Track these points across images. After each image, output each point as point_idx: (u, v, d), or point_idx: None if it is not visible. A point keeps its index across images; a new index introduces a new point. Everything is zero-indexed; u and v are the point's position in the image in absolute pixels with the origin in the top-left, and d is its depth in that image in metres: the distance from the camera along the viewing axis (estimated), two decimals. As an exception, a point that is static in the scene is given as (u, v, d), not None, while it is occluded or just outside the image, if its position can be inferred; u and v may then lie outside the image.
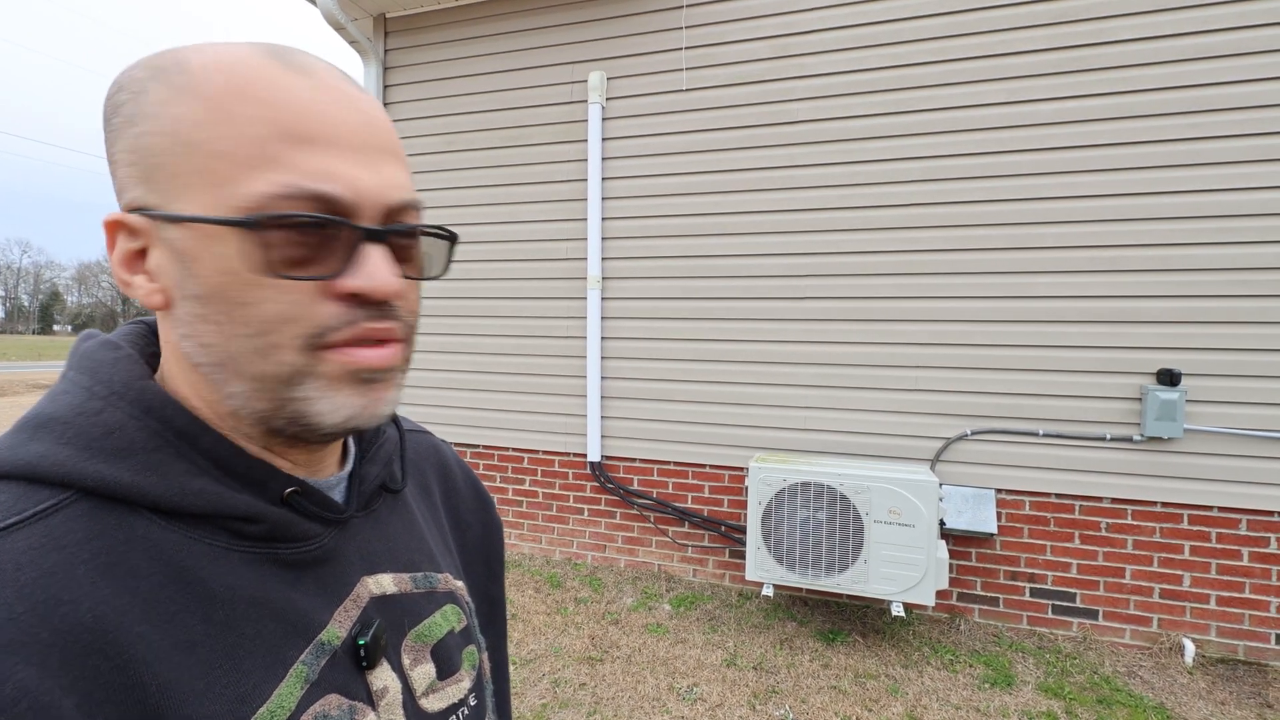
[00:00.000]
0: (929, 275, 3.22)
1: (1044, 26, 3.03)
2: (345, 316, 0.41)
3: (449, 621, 0.55)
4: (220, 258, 0.38)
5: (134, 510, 0.39)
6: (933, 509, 2.80)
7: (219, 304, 0.39)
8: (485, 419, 4.05)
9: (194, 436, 0.42)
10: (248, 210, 0.38)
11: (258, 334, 0.39)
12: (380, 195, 0.41)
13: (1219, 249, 2.86)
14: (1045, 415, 3.08)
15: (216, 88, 0.39)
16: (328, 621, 0.45)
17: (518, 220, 3.95)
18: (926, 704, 2.54)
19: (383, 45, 4.20)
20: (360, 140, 0.41)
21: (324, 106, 0.40)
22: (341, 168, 0.40)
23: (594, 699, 2.56)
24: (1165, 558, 2.96)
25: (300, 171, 0.39)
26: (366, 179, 0.41)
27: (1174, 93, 2.89)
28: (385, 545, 0.53)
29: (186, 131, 0.38)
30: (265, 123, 0.38)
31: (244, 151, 0.38)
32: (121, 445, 0.40)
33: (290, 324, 0.40)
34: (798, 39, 3.40)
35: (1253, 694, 2.63)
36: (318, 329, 0.40)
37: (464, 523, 0.67)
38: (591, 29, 3.78)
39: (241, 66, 0.39)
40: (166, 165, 0.39)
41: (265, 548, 0.44)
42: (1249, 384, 2.84)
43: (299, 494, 0.46)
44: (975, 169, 3.14)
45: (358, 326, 0.41)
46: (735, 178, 3.52)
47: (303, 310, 0.40)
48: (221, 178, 0.38)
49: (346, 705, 0.44)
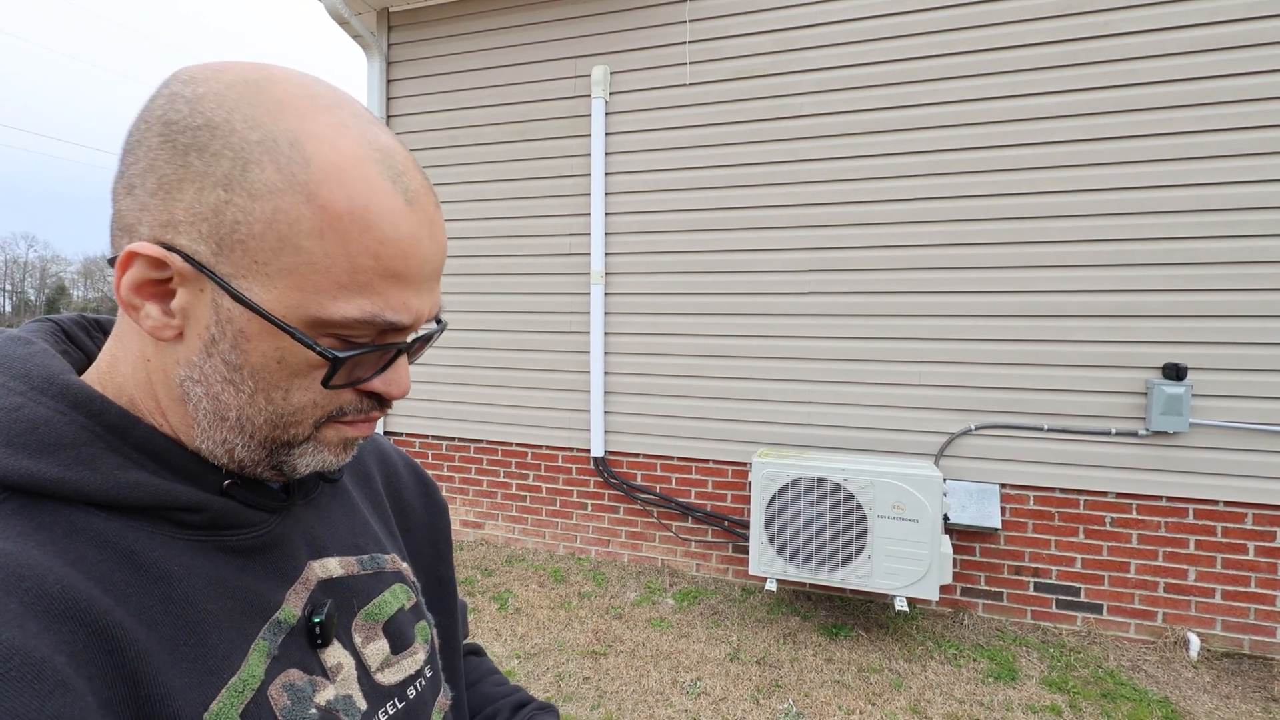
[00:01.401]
0: (933, 270, 3.21)
1: (1048, 19, 3.01)
2: (361, 406, 0.46)
3: (398, 599, 0.57)
4: (277, 351, 0.41)
5: (68, 504, 0.39)
6: (937, 504, 2.79)
7: (254, 379, 0.41)
8: (489, 414, 4.06)
9: (125, 430, 0.42)
10: (327, 322, 0.40)
11: (284, 414, 0.43)
12: (428, 316, 0.46)
13: (1224, 242, 2.84)
14: (1050, 410, 3.07)
15: (339, 208, 0.38)
16: (282, 601, 0.47)
17: (521, 215, 3.95)
18: (930, 698, 2.54)
19: (386, 40, 4.20)
20: (433, 270, 0.44)
21: (421, 244, 0.42)
22: (415, 300, 0.43)
23: (598, 693, 2.58)
24: (1170, 552, 2.95)
25: (387, 304, 0.41)
26: (425, 305, 0.44)
27: (1179, 85, 2.86)
28: (329, 531, 0.55)
29: (291, 233, 0.38)
30: (375, 258, 0.40)
31: (346, 277, 0.39)
32: (48, 440, 0.39)
33: (316, 409, 0.44)
34: (801, 33, 3.38)
35: (1258, 688, 2.62)
36: (335, 412, 0.45)
37: (408, 507, 0.69)
38: (595, 23, 3.77)
39: (367, 192, 0.39)
40: (251, 247, 0.38)
41: (209, 535, 0.44)
42: (1255, 378, 2.82)
43: (237, 484, 0.46)
44: (979, 163, 3.12)
45: (369, 415, 0.47)
46: (738, 172, 3.51)
47: (332, 400, 0.44)
48: (312, 287, 0.39)
49: (306, 679, 0.46)
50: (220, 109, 0.38)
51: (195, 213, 0.38)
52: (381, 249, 0.40)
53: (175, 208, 0.39)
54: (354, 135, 0.40)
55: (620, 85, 3.73)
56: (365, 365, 0.44)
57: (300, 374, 0.42)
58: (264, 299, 0.39)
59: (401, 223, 0.40)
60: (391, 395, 0.46)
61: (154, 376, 0.43)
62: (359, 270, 0.39)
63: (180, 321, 0.41)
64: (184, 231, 0.39)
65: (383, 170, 0.40)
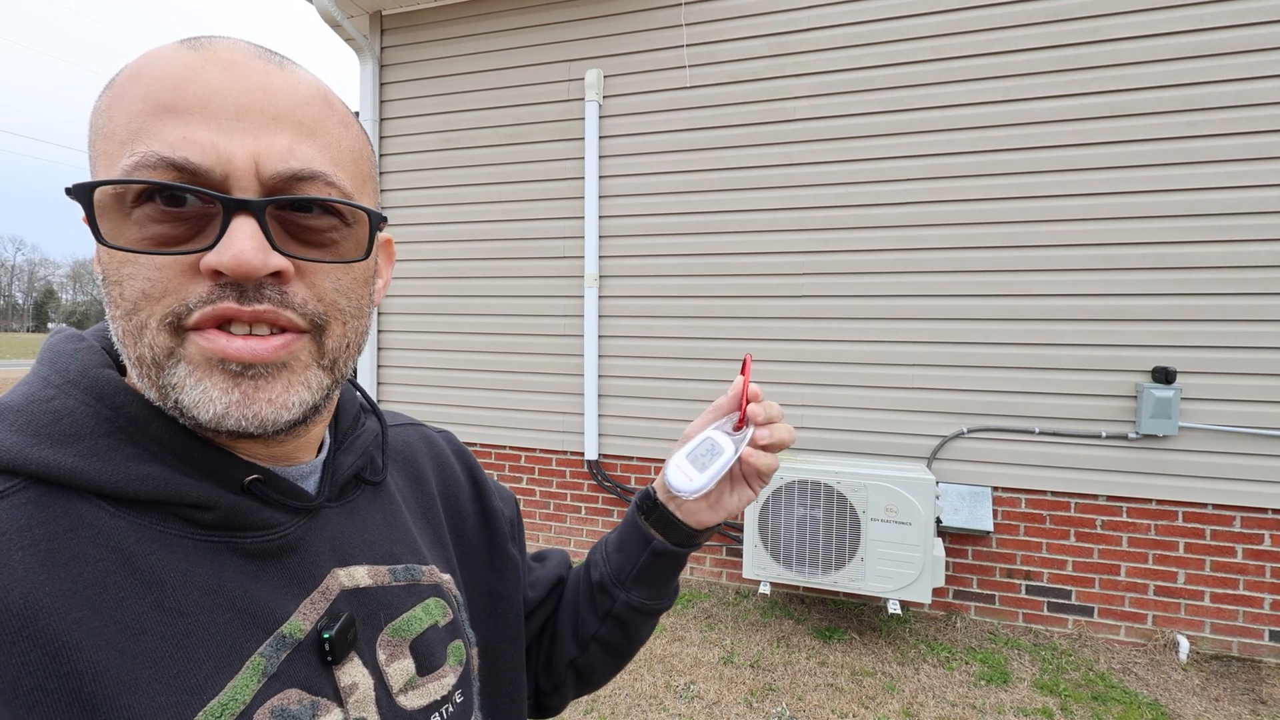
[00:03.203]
0: (925, 273, 3.22)
1: (1039, 25, 3.04)
2: (209, 295, 0.38)
3: (432, 615, 0.53)
4: (102, 239, 0.38)
5: (81, 496, 0.38)
6: (929, 507, 2.80)
7: (107, 287, 0.39)
8: (482, 417, 4.05)
9: (144, 422, 0.41)
10: None
11: (129, 313, 0.38)
12: (257, 164, 0.38)
13: (1214, 247, 2.87)
14: (1041, 413, 3.09)
15: (122, 76, 0.39)
16: (291, 613, 0.43)
17: (515, 218, 3.95)
18: (923, 701, 2.54)
19: (379, 43, 4.19)
20: (241, 108, 0.38)
21: (203, 76, 0.38)
22: (206, 135, 0.37)
23: (591, 696, 2.57)
24: (1160, 555, 2.97)
25: (161, 140, 0.37)
26: (239, 146, 0.37)
27: (1168, 91, 2.89)
28: (360, 537, 0.51)
29: (96, 121, 0.39)
30: (142, 99, 0.37)
31: (123, 130, 0.38)
32: (69, 431, 0.39)
33: (155, 301, 0.38)
34: (796, 37, 3.40)
35: (1246, 690, 2.64)
36: (180, 306, 0.38)
37: (463, 513, 0.65)
38: (588, 26, 3.77)
39: (149, 54, 0.39)
40: (90, 158, 0.40)
41: (223, 536, 0.42)
42: (1243, 381, 2.85)
43: (261, 481, 0.44)
44: (971, 167, 3.14)
45: (216, 305, 0.38)
46: (732, 176, 3.52)
47: (168, 287, 0.37)
48: (109, 158, 0.38)
49: (309, 700, 0.42)
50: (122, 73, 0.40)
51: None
52: (149, 89, 0.38)
53: None
54: (178, 41, 0.40)
55: (614, 89, 3.73)
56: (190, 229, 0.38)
57: (124, 256, 0.38)
58: None
59: (174, 62, 0.38)
60: (231, 270, 0.37)
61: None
62: (132, 118, 0.37)
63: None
64: None
65: (181, 40, 0.40)
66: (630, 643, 0.71)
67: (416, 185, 4.14)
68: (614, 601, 0.69)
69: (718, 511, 0.65)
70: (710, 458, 0.61)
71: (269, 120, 0.39)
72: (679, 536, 0.66)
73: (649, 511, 0.67)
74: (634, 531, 0.68)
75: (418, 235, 4.12)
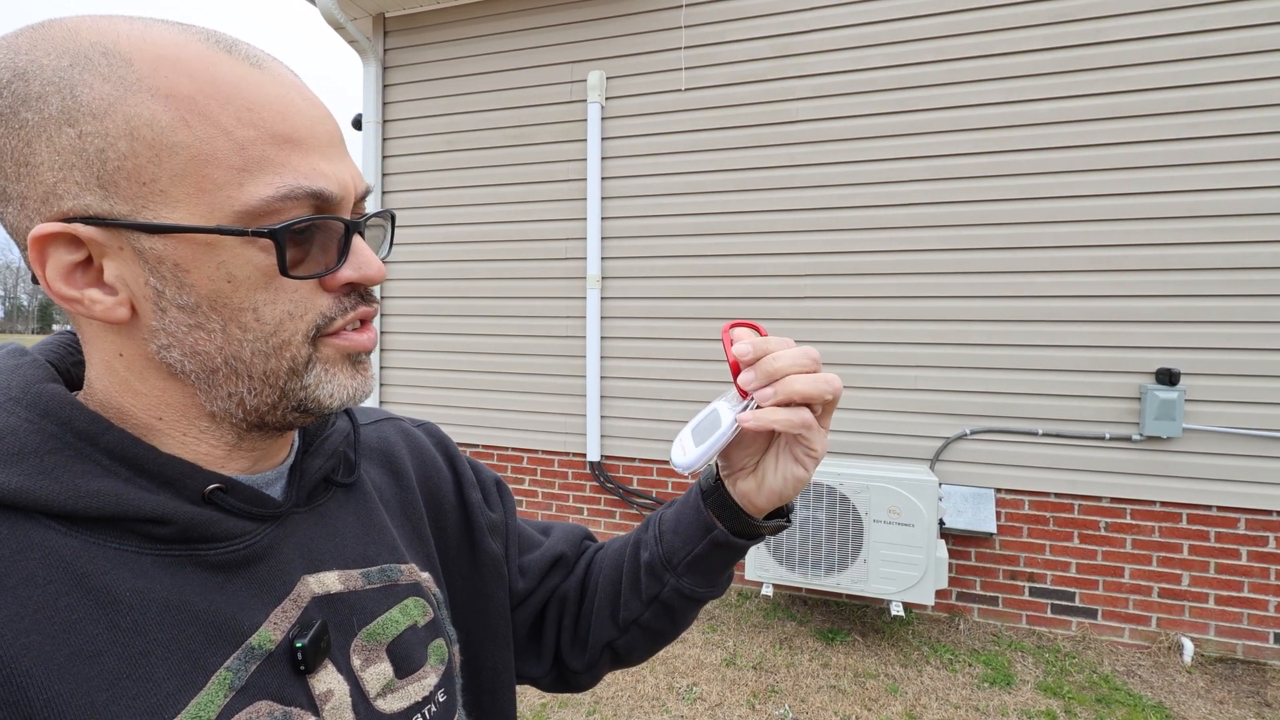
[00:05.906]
0: (928, 275, 3.22)
1: (1042, 26, 3.03)
2: (341, 305, 0.44)
3: (410, 616, 0.53)
4: (219, 268, 0.38)
5: (30, 517, 0.37)
6: (932, 508, 2.80)
7: (216, 312, 0.39)
8: (484, 419, 4.05)
9: (95, 436, 0.39)
10: (251, 214, 0.38)
11: (268, 335, 0.41)
12: (355, 187, 0.43)
13: (1217, 248, 2.86)
14: (1044, 415, 3.08)
15: (186, 90, 0.36)
16: (260, 624, 0.43)
17: (517, 220, 3.95)
18: (926, 703, 2.54)
19: (382, 45, 4.20)
20: (328, 135, 0.42)
21: (294, 104, 0.40)
22: (327, 166, 0.41)
23: (593, 698, 2.56)
24: (1164, 557, 2.96)
25: (297, 172, 0.39)
26: (344, 173, 0.42)
27: (1171, 92, 2.89)
28: (331, 541, 0.51)
29: (157, 135, 0.36)
30: (253, 126, 0.37)
31: (237, 157, 0.37)
32: (13, 449, 0.37)
33: (298, 319, 0.42)
34: (797, 38, 3.40)
35: (1251, 693, 2.63)
36: (321, 319, 0.43)
37: (445, 506, 0.64)
38: (591, 28, 3.78)
39: (204, 66, 0.37)
40: (130, 169, 0.36)
41: (183, 550, 0.41)
42: (1247, 383, 2.84)
43: (223, 490, 0.43)
44: (974, 169, 3.14)
45: (358, 309, 0.45)
46: (734, 177, 3.52)
47: (306, 305, 0.42)
48: (211, 183, 0.37)
49: (280, 711, 0.41)
50: (19, 55, 0.36)
51: (61, 164, 0.36)
52: (254, 115, 0.37)
53: (41, 173, 0.36)
54: (162, 27, 0.38)
55: (616, 90, 3.74)
56: (321, 251, 0.42)
57: (257, 285, 0.39)
58: (176, 219, 0.37)
59: (260, 86, 0.38)
60: (368, 279, 0.44)
61: (133, 371, 0.41)
62: (246, 145, 0.37)
63: (125, 293, 0.39)
64: (64, 193, 0.36)
65: (209, 44, 0.38)
66: (675, 627, 0.68)
67: (419, 187, 4.15)
68: (663, 586, 0.64)
69: (763, 493, 0.58)
70: (710, 430, 0.56)
71: (341, 144, 0.44)
72: (739, 525, 0.60)
73: (709, 493, 0.62)
74: (694, 516, 0.63)
75: (420, 236, 4.13)
